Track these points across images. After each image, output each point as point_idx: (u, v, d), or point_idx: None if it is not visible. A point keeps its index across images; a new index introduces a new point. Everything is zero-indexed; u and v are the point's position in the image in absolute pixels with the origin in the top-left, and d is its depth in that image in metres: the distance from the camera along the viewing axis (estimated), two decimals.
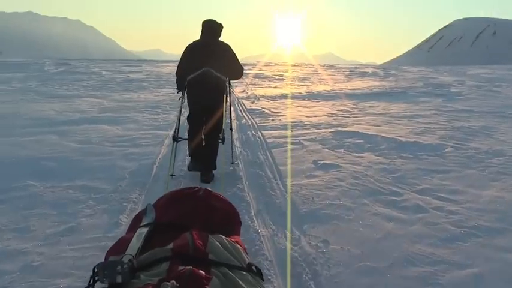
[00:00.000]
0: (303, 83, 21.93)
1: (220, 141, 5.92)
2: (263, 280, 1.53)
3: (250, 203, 4.93)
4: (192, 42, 5.86)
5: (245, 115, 11.05)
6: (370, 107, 13.08)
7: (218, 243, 1.55)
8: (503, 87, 19.49)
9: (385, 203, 4.90)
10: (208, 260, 1.43)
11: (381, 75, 30.06)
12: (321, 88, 19.16)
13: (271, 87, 19.83)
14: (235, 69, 5.96)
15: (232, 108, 7.05)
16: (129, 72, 27.17)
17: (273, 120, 10.22)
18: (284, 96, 15.71)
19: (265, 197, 5.14)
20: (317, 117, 10.75)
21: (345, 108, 12.62)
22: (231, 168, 6.33)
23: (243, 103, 13.42)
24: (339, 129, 9.10)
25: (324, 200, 4.95)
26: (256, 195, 5.22)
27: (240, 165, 6.39)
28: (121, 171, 5.84)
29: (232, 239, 1.70)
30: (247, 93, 16.70)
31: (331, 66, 45.07)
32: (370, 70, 36.45)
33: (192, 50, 5.78)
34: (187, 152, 6.23)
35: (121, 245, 1.64)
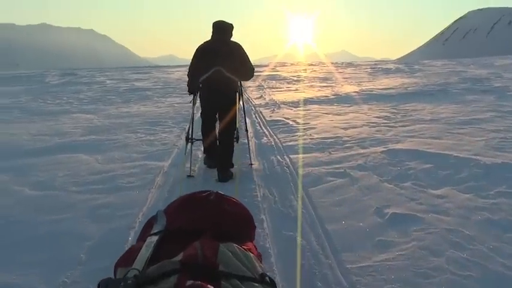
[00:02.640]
0: (325, 84, 19.77)
1: (234, 139, 5.85)
2: None
3: None
4: (203, 42, 5.88)
5: (266, 130, 8.84)
6: (413, 110, 10.84)
7: (229, 253, 1.46)
8: None
9: None
10: (219, 272, 1.34)
11: (406, 71, 28.08)
12: (348, 89, 16.93)
13: (291, 90, 17.65)
14: (246, 68, 5.85)
15: (248, 120, 7.19)
16: (135, 80, 25.37)
17: (301, 136, 7.99)
18: (309, 101, 13.43)
19: None
20: (356, 129, 8.51)
21: (385, 114, 10.38)
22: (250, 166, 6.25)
23: (261, 113, 11.20)
24: (391, 146, 6.88)
25: None
26: None
27: (266, 224, 4.11)
28: (75, 248, 3.62)
29: (245, 247, 1.61)
30: (265, 99, 14.45)
31: (349, 64, 43.13)
32: (392, 66, 34.40)
33: (203, 51, 5.77)
34: (202, 149, 6.46)
35: (130, 256, 1.53)
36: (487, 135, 7.54)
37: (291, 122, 9.52)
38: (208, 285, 1.19)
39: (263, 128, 9.05)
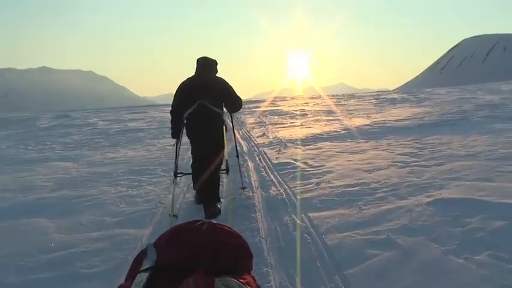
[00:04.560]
0: (332, 117, 18.30)
1: (224, 171, 5.67)
2: None
3: None
4: (186, 79, 5.77)
5: (273, 177, 7.32)
6: (440, 144, 9.37)
7: None
8: None
9: None
10: None
11: (412, 100, 26.84)
12: (357, 122, 15.46)
13: (295, 125, 16.15)
14: (232, 99, 5.81)
15: (251, 164, 7.40)
16: (128, 121, 23.98)
17: (318, 184, 6.47)
18: (318, 137, 11.89)
19: None
20: (383, 172, 7.01)
21: (410, 150, 8.90)
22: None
23: (265, 154, 9.68)
24: (436, 194, 5.40)
25: None
26: None
27: None
28: None
29: (242, 280, 1.37)
30: (268, 137, 12.91)
31: (351, 96, 42.00)
32: (397, 96, 33.18)
33: (186, 87, 5.65)
34: (193, 186, 6.15)
35: None
36: None
37: (302, 165, 8.02)
38: None
39: (270, 174, 7.53)
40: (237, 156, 6.95)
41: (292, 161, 8.44)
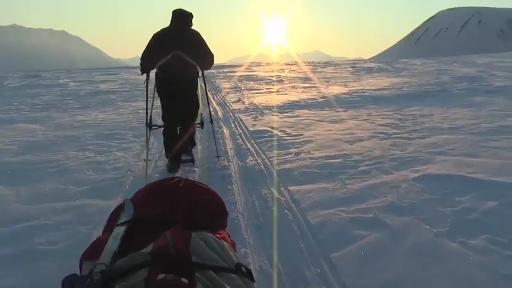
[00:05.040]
0: (308, 84, 17.95)
1: (198, 125, 5.94)
2: (253, 281, 1.34)
3: None
4: (160, 29, 5.53)
5: (250, 145, 6.97)
6: (421, 116, 9.13)
7: (203, 242, 1.37)
8: None
9: None
10: (192, 263, 1.24)
11: (390, 70, 26.61)
12: (335, 90, 15.15)
13: (272, 91, 15.77)
14: (205, 54, 5.54)
15: (227, 131, 7.27)
16: (100, 82, 23.31)
17: (297, 154, 6.14)
18: (295, 104, 11.54)
19: None
20: (364, 143, 6.72)
21: (391, 121, 8.64)
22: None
23: (241, 120, 9.31)
24: (421, 170, 5.15)
25: None
26: None
27: None
28: None
29: (218, 235, 1.53)
30: (244, 102, 12.52)
31: (327, 63, 41.64)
32: (373, 65, 32.93)
33: (160, 36, 5.43)
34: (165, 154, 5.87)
35: (96, 248, 1.43)
36: None
37: (279, 133, 7.68)
38: (182, 279, 1.13)
39: (246, 142, 7.17)
40: (211, 122, 6.53)
41: (270, 129, 8.10)
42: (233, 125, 8.84)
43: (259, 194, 4.56)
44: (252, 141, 7.23)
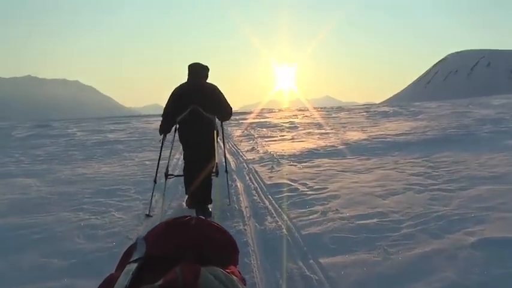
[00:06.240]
0: (324, 131, 17.12)
1: (213, 174, 5.84)
2: None
3: None
4: (178, 85, 5.85)
5: (267, 202, 6.07)
6: (454, 162, 8.29)
7: (212, 276, 1.31)
8: None
9: None
10: None
11: (405, 113, 25.84)
12: (354, 136, 14.29)
13: (286, 139, 14.92)
14: (223, 108, 5.89)
15: (241, 185, 7.02)
16: (109, 132, 22.61)
17: (324, 213, 5.24)
18: (313, 153, 10.66)
19: None
20: (399, 197, 5.85)
21: (422, 169, 7.78)
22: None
23: (256, 172, 8.46)
24: (480, 233, 4.27)
25: None
26: None
27: None
28: None
29: (228, 270, 1.46)
30: (258, 151, 11.67)
31: (340, 108, 41.05)
32: (388, 109, 32.13)
33: (179, 93, 5.74)
34: (184, 191, 6.25)
35: (108, 285, 1.40)
36: None
37: (300, 187, 6.81)
38: None
39: (263, 199, 6.29)
40: (226, 171, 6.70)
41: (289, 182, 7.23)
42: (247, 178, 7.99)
43: (283, 271, 3.66)
44: (269, 197, 6.36)
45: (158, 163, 6.15)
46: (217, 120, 5.98)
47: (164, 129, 5.94)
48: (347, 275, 3.43)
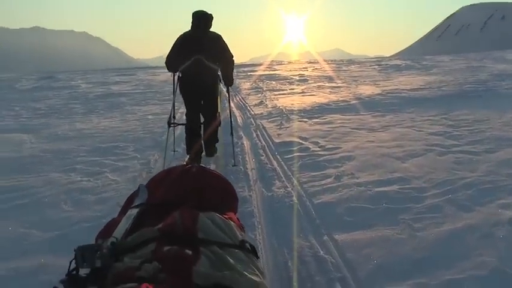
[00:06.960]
0: (335, 84, 16.47)
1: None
2: (257, 257, 1.45)
3: None
4: (182, 33, 5.66)
5: (275, 163, 5.59)
6: (475, 121, 7.75)
7: (209, 221, 1.47)
8: None
9: None
10: (197, 239, 1.36)
11: (418, 67, 24.98)
12: (366, 90, 13.66)
13: (296, 93, 14.30)
14: (226, 57, 5.70)
15: (247, 143, 6.84)
16: (114, 83, 22.04)
17: (338, 178, 4.73)
18: (325, 108, 10.08)
19: None
20: (419, 160, 5.33)
21: (441, 128, 7.24)
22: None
23: (264, 128, 7.94)
24: None
25: None
26: None
27: None
28: None
29: (226, 216, 1.60)
30: (266, 105, 11.10)
31: (351, 61, 40.09)
32: (400, 62, 31.19)
33: (182, 40, 5.57)
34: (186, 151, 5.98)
35: (110, 228, 1.53)
36: None
37: (311, 146, 6.30)
38: (186, 250, 1.23)
39: (272, 160, 5.78)
40: (231, 134, 6.16)
41: (299, 140, 6.72)
42: (254, 135, 7.47)
43: (293, 249, 3.17)
44: (278, 157, 5.86)
45: (173, 104, 6.10)
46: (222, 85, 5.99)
47: (172, 69, 5.81)
48: (367, 257, 2.93)
